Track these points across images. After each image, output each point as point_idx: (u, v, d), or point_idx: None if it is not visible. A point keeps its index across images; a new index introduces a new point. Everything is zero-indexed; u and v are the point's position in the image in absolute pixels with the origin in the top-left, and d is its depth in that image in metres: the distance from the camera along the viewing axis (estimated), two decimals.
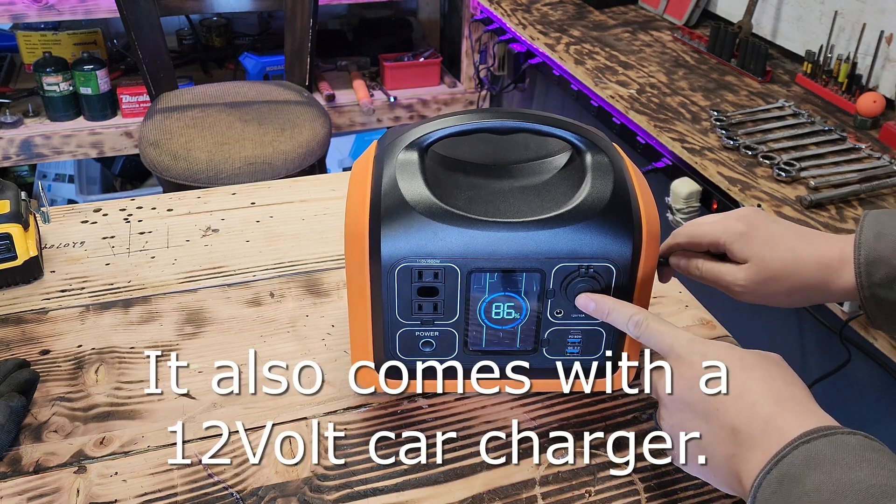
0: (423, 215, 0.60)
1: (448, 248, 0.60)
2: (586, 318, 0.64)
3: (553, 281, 0.62)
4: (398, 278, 0.61)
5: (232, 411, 0.69)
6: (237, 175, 1.69)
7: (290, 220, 0.95)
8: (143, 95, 2.36)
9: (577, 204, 0.61)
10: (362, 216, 0.61)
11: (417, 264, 0.61)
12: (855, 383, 1.41)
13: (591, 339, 0.66)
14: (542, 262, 0.61)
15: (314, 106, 1.91)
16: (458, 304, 0.63)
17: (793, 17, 1.73)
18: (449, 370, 0.67)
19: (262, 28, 2.84)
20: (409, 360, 0.66)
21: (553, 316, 0.64)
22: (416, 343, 0.65)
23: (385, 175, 0.62)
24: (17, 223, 0.80)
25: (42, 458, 0.64)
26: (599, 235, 0.61)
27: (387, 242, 0.60)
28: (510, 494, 0.62)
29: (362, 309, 0.64)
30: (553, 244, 0.60)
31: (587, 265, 0.61)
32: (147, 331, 0.78)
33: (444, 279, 0.62)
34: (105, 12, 2.21)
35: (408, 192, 0.61)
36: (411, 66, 2.64)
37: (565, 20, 2.06)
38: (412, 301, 0.63)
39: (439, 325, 0.64)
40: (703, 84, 1.66)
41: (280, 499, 0.61)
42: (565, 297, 0.63)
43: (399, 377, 0.67)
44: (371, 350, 0.66)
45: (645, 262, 0.62)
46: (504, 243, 0.60)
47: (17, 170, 2.68)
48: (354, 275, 0.63)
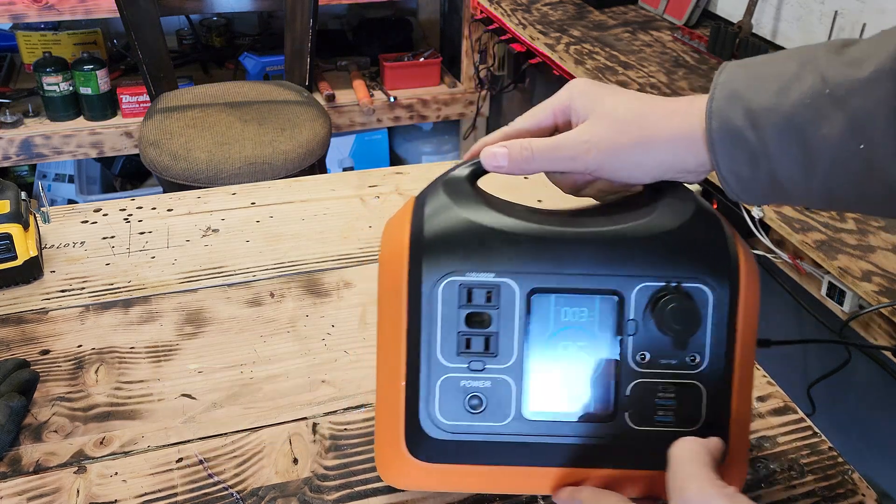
0: (473, 214, 0.51)
1: (504, 255, 0.50)
2: (679, 364, 0.50)
3: (634, 307, 0.50)
4: (443, 298, 0.50)
5: (232, 411, 0.69)
6: (237, 175, 1.69)
7: (290, 220, 0.95)
8: (143, 95, 2.36)
9: (656, 214, 0.51)
10: (402, 234, 0.52)
11: (467, 279, 0.50)
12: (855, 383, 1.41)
13: (688, 399, 0.51)
14: (620, 280, 0.49)
15: (314, 106, 1.91)
16: (515, 339, 0.50)
17: (793, 17, 1.73)
18: (500, 449, 0.51)
19: (262, 28, 2.84)
20: (451, 428, 0.51)
21: (637, 362, 0.50)
22: (461, 400, 0.51)
23: (428, 204, 0.53)
24: (17, 223, 0.80)
25: (42, 458, 0.64)
26: (691, 246, 0.50)
27: (429, 243, 0.50)
28: (510, 495, 0.62)
29: (394, 348, 0.51)
30: (632, 257, 0.49)
31: (676, 284, 0.50)
32: (147, 331, 0.78)
33: (499, 301, 0.50)
34: (105, 12, 2.21)
35: (455, 194, 0.53)
36: (411, 66, 2.64)
37: (565, 20, 2.06)
38: (458, 334, 0.50)
39: (492, 371, 0.50)
40: (703, 84, 1.66)
41: (280, 499, 0.61)
42: (650, 327, 0.50)
43: (437, 459, 0.52)
44: (402, 414, 0.51)
45: (747, 285, 0.50)
46: (572, 253, 0.50)
47: (17, 170, 2.68)
48: (388, 301, 0.52)
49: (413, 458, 0.52)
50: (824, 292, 1.16)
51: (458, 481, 0.53)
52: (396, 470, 0.53)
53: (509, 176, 0.57)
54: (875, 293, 1.04)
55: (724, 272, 0.50)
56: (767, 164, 0.51)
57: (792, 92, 0.50)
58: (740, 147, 0.51)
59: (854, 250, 1.11)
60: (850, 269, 1.08)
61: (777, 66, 0.52)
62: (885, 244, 1.13)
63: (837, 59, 0.49)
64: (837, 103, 0.48)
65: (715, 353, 0.50)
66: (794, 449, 0.67)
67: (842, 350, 1.22)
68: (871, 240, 1.14)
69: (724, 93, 0.52)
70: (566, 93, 0.57)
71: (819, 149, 0.49)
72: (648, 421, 0.50)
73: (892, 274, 1.07)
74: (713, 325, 0.50)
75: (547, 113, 0.58)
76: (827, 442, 0.67)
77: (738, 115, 0.51)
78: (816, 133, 0.49)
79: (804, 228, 1.16)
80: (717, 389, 0.50)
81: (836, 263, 1.09)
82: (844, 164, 0.49)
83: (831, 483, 0.64)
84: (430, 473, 0.52)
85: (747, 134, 0.50)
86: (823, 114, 0.49)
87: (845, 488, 0.63)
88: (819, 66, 0.50)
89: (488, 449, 0.51)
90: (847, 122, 0.48)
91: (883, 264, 1.09)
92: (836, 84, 0.49)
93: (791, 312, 1.52)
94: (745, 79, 0.52)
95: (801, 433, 0.68)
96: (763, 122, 0.50)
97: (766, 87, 0.51)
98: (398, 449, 0.52)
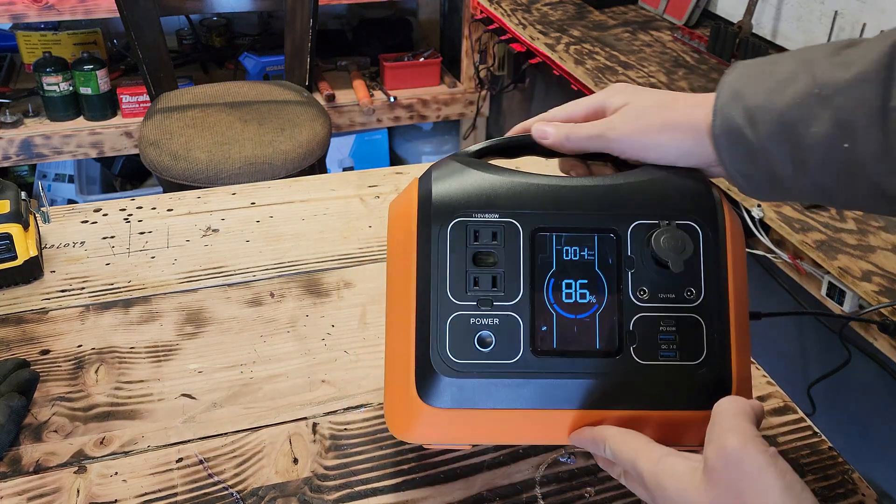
0: (479, 170, 0.55)
1: (507, 199, 0.53)
2: (678, 299, 0.53)
3: (630, 245, 0.53)
4: (451, 238, 0.53)
5: (232, 411, 0.69)
6: (237, 175, 1.69)
7: (290, 220, 0.95)
8: (143, 95, 2.36)
9: (646, 168, 0.56)
10: (410, 195, 0.55)
11: (473, 220, 0.53)
12: (855, 383, 1.41)
13: (689, 332, 0.53)
14: (616, 219, 0.53)
15: (314, 106, 1.91)
16: (521, 276, 0.53)
17: (793, 17, 1.73)
18: (510, 390, 0.52)
19: (262, 28, 2.84)
20: (461, 367, 0.52)
21: (637, 297, 0.53)
22: (471, 337, 0.52)
23: (435, 170, 0.57)
24: (17, 223, 0.80)
25: (42, 458, 0.64)
26: (678, 191, 0.54)
27: (438, 192, 0.54)
28: (510, 494, 0.62)
29: (405, 291, 0.54)
30: (627, 198, 0.54)
31: (668, 222, 0.53)
32: (147, 331, 0.78)
33: (504, 240, 0.53)
34: (105, 12, 2.21)
35: (462, 161, 0.57)
36: (411, 66, 2.64)
37: (565, 20, 2.06)
38: (467, 273, 0.53)
39: (500, 308, 0.52)
40: (703, 84, 1.66)
41: (280, 499, 0.61)
42: (648, 264, 0.53)
43: (448, 403, 0.52)
44: (412, 357, 0.53)
45: (731, 226, 0.54)
46: (572, 195, 0.53)
47: (17, 170, 2.68)
48: (398, 250, 0.55)
49: (424, 404, 0.52)
50: (824, 292, 1.16)
51: (469, 430, 0.53)
52: (407, 420, 0.54)
53: None
54: (875, 293, 1.04)
55: (711, 211, 0.54)
56: (765, 160, 0.52)
57: (787, 91, 0.51)
58: (740, 144, 0.53)
59: (854, 250, 1.11)
60: (850, 269, 1.08)
61: (779, 65, 0.53)
62: (885, 244, 1.13)
63: (832, 59, 0.51)
64: (825, 103, 0.50)
65: (710, 287, 0.53)
66: (794, 449, 0.67)
67: (842, 350, 1.22)
68: (871, 240, 1.14)
69: (728, 91, 0.54)
70: (605, 92, 0.60)
71: (808, 147, 0.51)
72: (653, 355, 0.52)
73: (892, 274, 1.07)
74: (705, 260, 0.53)
75: (581, 108, 0.61)
76: (827, 442, 0.67)
77: (738, 114, 0.53)
78: (806, 131, 0.50)
79: (804, 228, 1.16)
80: (715, 323, 0.53)
81: (836, 263, 1.09)
82: (832, 162, 0.50)
83: (831, 483, 0.64)
84: (440, 421, 0.53)
85: (746, 132, 0.52)
86: (812, 113, 0.50)
87: (845, 488, 0.63)
88: (814, 67, 0.51)
89: (498, 390, 0.52)
90: (833, 121, 0.49)
91: (883, 264, 1.09)
92: (824, 84, 0.50)
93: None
94: (747, 78, 0.54)
95: (801, 433, 0.68)
96: (759, 120, 0.52)
97: (764, 87, 0.52)
98: (409, 394, 0.52)
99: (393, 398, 0.55)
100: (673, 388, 0.52)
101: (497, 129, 2.81)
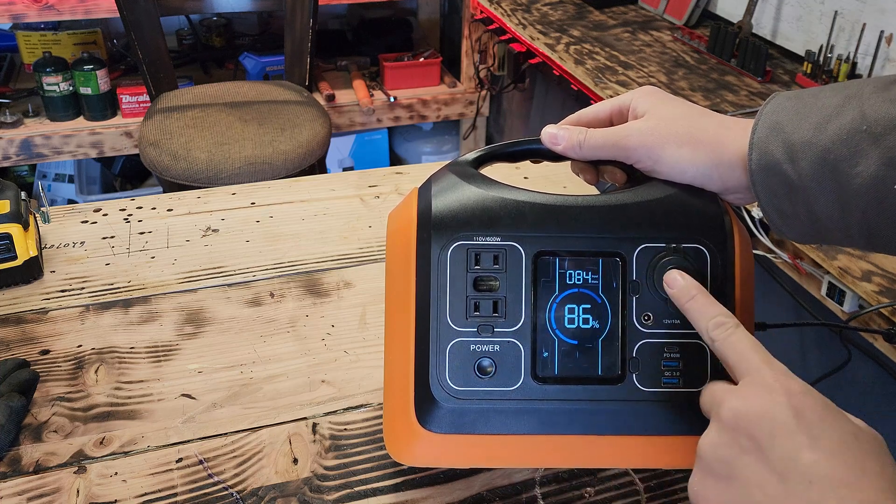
0: (480, 187, 0.53)
1: (510, 220, 0.51)
2: (683, 325, 0.51)
3: (636, 269, 0.52)
4: (451, 262, 0.51)
5: (232, 411, 0.69)
6: (237, 175, 1.69)
7: (290, 220, 0.95)
8: (143, 95, 2.36)
9: (653, 185, 0.54)
10: (410, 210, 0.54)
11: (474, 243, 0.51)
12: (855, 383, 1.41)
13: (693, 359, 0.51)
14: (621, 242, 0.51)
15: (314, 106, 1.91)
16: (522, 301, 0.52)
17: (793, 17, 1.73)
18: (510, 416, 0.51)
19: (262, 28, 2.84)
20: (461, 394, 0.51)
21: (642, 322, 0.52)
22: (471, 364, 0.51)
23: (435, 183, 0.55)
24: (17, 223, 0.80)
25: (42, 458, 0.64)
26: (687, 211, 0.52)
27: (438, 210, 0.52)
28: (510, 494, 0.62)
29: (404, 315, 0.52)
30: (633, 219, 0.52)
31: (675, 245, 0.52)
32: (147, 331, 0.78)
33: (506, 265, 0.51)
34: (105, 12, 2.21)
35: (462, 175, 0.55)
36: (411, 66, 2.64)
37: (565, 20, 2.06)
38: (467, 298, 0.52)
39: (501, 334, 0.51)
40: (703, 84, 1.66)
41: (280, 499, 0.61)
42: (653, 289, 0.51)
43: (447, 428, 0.52)
44: (412, 382, 0.52)
45: (741, 247, 0.52)
46: (575, 218, 0.51)
47: (17, 170, 2.68)
48: (396, 271, 0.53)
49: (423, 429, 0.52)
50: (824, 292, 1.16)
51: (469, 454, 0.53)
52: (406, 443, 0.53)
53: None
54: (875, 293, 1.04)
55: (720, 233, 0.52)
56: (805, 199, 0.50)
57: (830, 126, 0.49)
58: (778, 179, 0.51)
59: (854, 250, 1.11)
60: (849, 269, 1.08)
61: (822, 98, 0.51)
62: None
63: (882, 95, 0.48)
64: (874, 140, 0.47)
65: None
66: None
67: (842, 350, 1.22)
68: None
69: (767, 124, 0.52)
70: (630, 94, 0.58)
71: (854, 186, 0.48)
72: (656, 382, 0.51)
73: (892, 274, 1.07)
74: (712, 285, 0.51)
75: (605, 108, 0.59)
76: None
77: (777, 149, 0.50)
78: (852, 170, 0.48)
79: None
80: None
81: (836, 263, 1.09)
82: (881, 202, 0.48)
83: None
84: (439, 445, 0.52)
85: (786, 167, 0.50)
86: (860, 150, 0.48)
87: None
88: (862, 102, 0.49)
89: (498, 417, 0.51)
90: (883, 160, 0.47)
91: (883, 264, 1.09)
92: (875, 121, 0.48)
93: (791, 312, 1.52)
94: (788, 111, 0.51)
95: None
96: (800, 157, 0.49)
97: (808, 121, 0.50)
98: (408, 419, 0.52)
99: (392, 421, 0.54)
100: (675, 414, 0.51)
101: (497, 129, 2.81)
